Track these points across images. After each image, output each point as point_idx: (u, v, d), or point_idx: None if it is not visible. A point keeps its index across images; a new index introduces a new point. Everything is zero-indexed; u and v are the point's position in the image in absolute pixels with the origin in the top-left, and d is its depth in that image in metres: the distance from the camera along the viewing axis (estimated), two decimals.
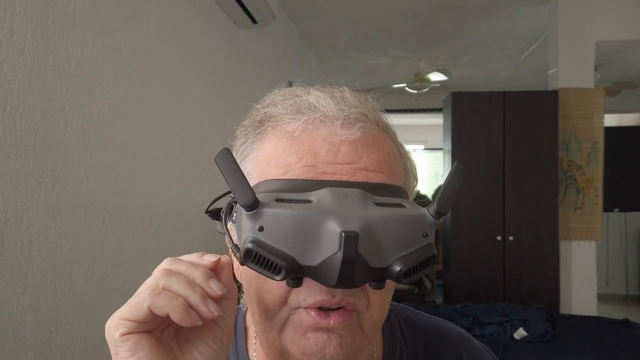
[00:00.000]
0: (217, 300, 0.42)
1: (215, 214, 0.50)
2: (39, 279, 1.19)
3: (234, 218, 0.46)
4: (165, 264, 0.43)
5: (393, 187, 0.47)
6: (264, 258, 0.40)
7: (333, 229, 0.39)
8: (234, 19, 2.56)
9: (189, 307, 0.40)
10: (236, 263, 0.51)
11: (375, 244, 0.41)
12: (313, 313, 0.46)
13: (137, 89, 1.66)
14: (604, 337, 2.59)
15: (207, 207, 0.50)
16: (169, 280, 0.40)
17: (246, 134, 0.53)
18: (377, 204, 0.43)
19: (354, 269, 0.39)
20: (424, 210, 0.43)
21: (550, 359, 2.37)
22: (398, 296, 3.71)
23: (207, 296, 0.41)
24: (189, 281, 0.41)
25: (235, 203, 0.46)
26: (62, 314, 1.27)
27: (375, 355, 0.59)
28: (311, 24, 4.03)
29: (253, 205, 0.40)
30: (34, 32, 1.18)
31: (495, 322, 2.74)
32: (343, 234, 0.39)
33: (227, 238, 0.47)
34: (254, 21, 2.60)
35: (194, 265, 0.42)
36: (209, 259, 0.43)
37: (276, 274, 0.40)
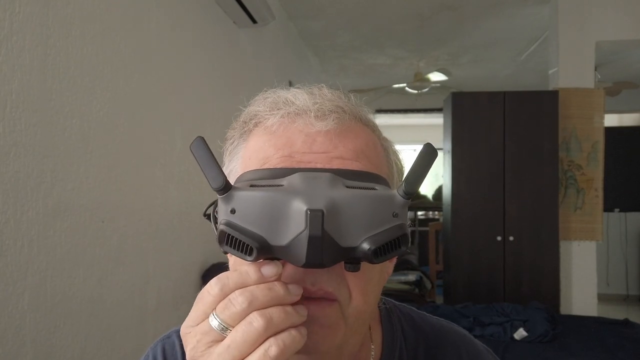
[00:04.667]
0: None
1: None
2: (39, 279, 1.19)
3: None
4: (216, 292, 0.40)
5: (368, 174, 0.48)
6: (236, 239, 0.41)
7: (299, 207, 0.41)
8: (234, 19, 2.56)
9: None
10: (230, 260, 0.51)
11: (343, 222, 0.42)
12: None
13: (137, 89, 1.66)
14: (604, 337, 2.59)
15: (205, 209, 0.51)
16: (246, 332, 0.38)
17: (233, 135, 0.56)
18: (348, 187, 0.44)
19: (321, 247, 0.40)
20: (394, 191, 0.44)
21: (550, 359, 2.37)
22: (398, 296, 3.71)
23: (287, 309, 0.40)
24: (265, 315, 0.39)
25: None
26: (62, 314, 1.27)
27: (373, 352, 0.59)
28: (311, 24, 4.03)
29: (225, 188, 0.41)
30: (33, 32, 1.18)
31: (495, 323, 2.73)
32: (308, 212, 0.40)
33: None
34: (254, 21, 2.60)
35: (244, 280, 0.40)
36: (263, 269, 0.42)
37: (248, 255, 0.40)
